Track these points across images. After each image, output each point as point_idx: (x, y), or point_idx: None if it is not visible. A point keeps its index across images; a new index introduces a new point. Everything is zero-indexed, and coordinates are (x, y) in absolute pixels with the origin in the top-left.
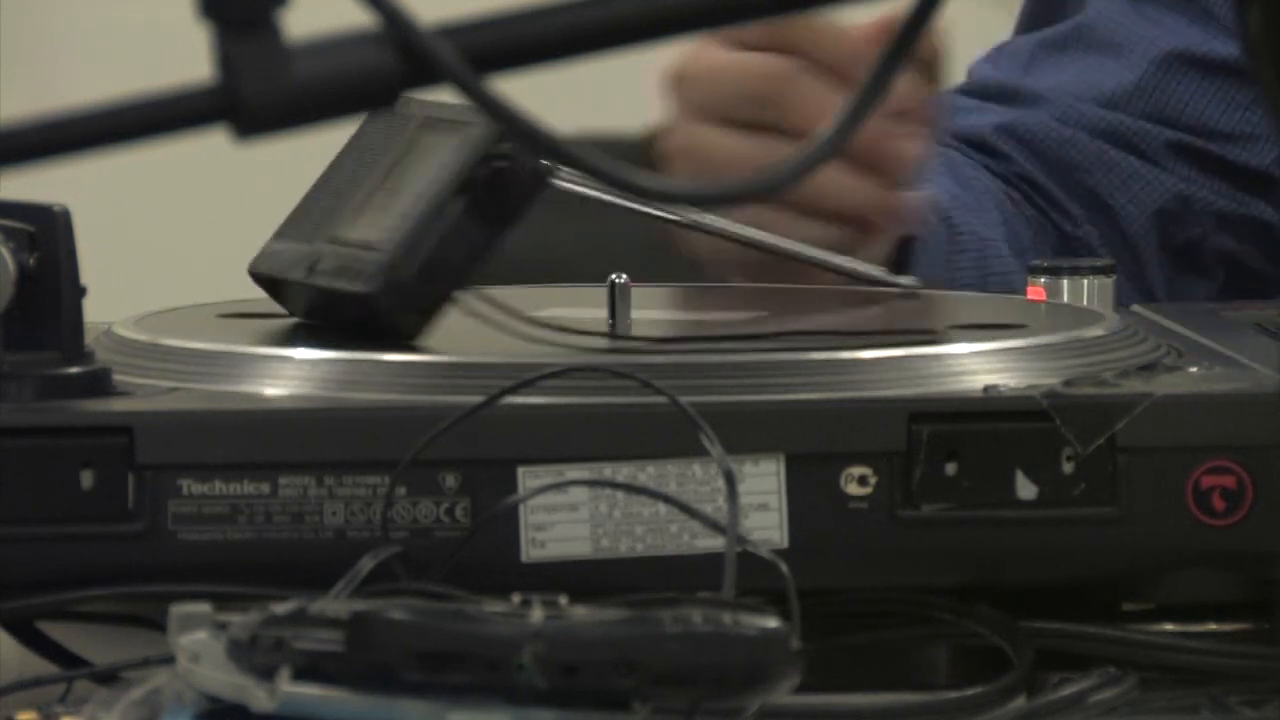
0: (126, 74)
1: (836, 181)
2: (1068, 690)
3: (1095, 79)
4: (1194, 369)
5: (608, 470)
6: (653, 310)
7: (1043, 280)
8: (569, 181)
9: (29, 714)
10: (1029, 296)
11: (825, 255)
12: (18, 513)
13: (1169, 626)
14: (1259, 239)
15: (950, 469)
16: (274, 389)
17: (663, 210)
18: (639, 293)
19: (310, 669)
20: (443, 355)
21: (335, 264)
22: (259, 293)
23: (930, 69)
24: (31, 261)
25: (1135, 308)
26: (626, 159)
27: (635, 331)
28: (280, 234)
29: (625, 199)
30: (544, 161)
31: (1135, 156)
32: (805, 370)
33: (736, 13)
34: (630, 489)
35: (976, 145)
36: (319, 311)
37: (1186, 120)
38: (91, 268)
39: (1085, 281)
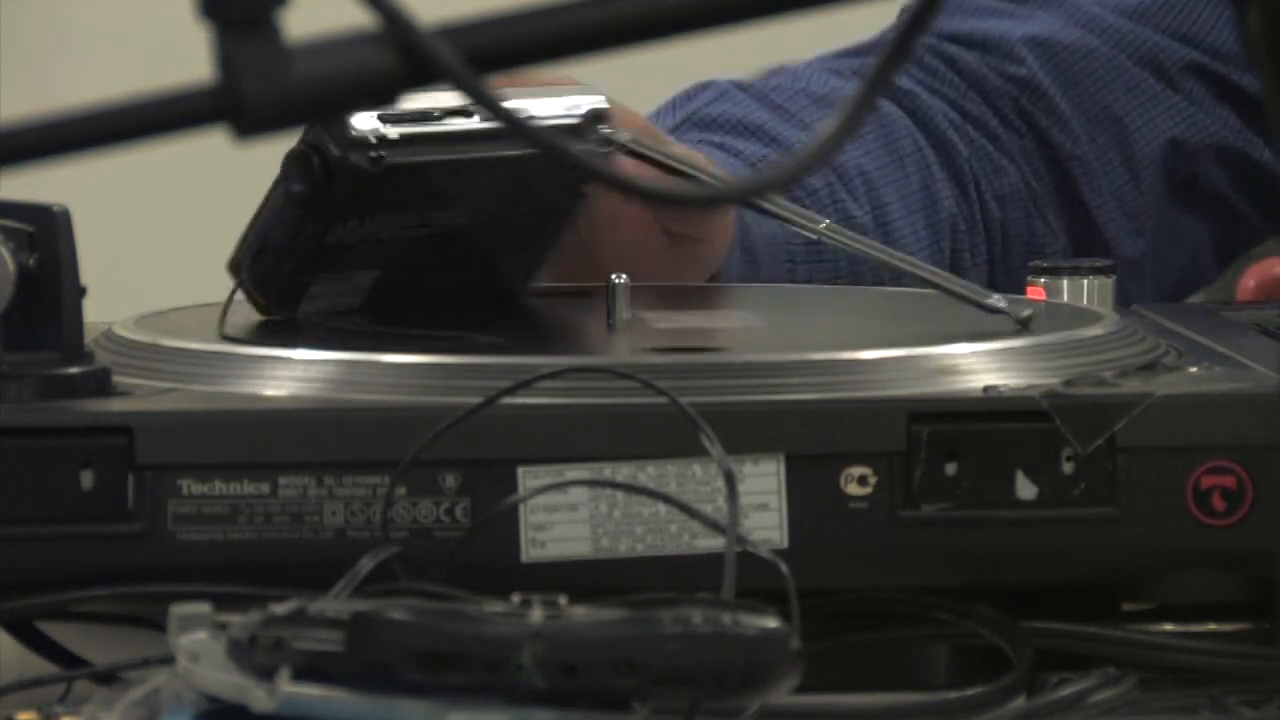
0: (126, 74)
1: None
2: (1067, 690)
3: None
4: (1194, 369)
5: (607, 470)
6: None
7: (1042, 280)
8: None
9: (29, 714)
10: (1029, 295)
11: (929, 271)
12: (18, 513)
13: (1169, 627)
14: (1252, 181)
15: (950, 469)
16: (273, 389)
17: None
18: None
19: (310, 669)
20: (443, 355)
21: None
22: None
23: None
24: (31, 261)
25: (1135, 307)
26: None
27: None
28: None
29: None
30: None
31: (1155, 77)
32: (805, 370)
33: (736, 13)
34: (630, 489)
35: (983, 46)
36: None
37: (1209, 42)
38: (91, 268)
39: (1085, 281)
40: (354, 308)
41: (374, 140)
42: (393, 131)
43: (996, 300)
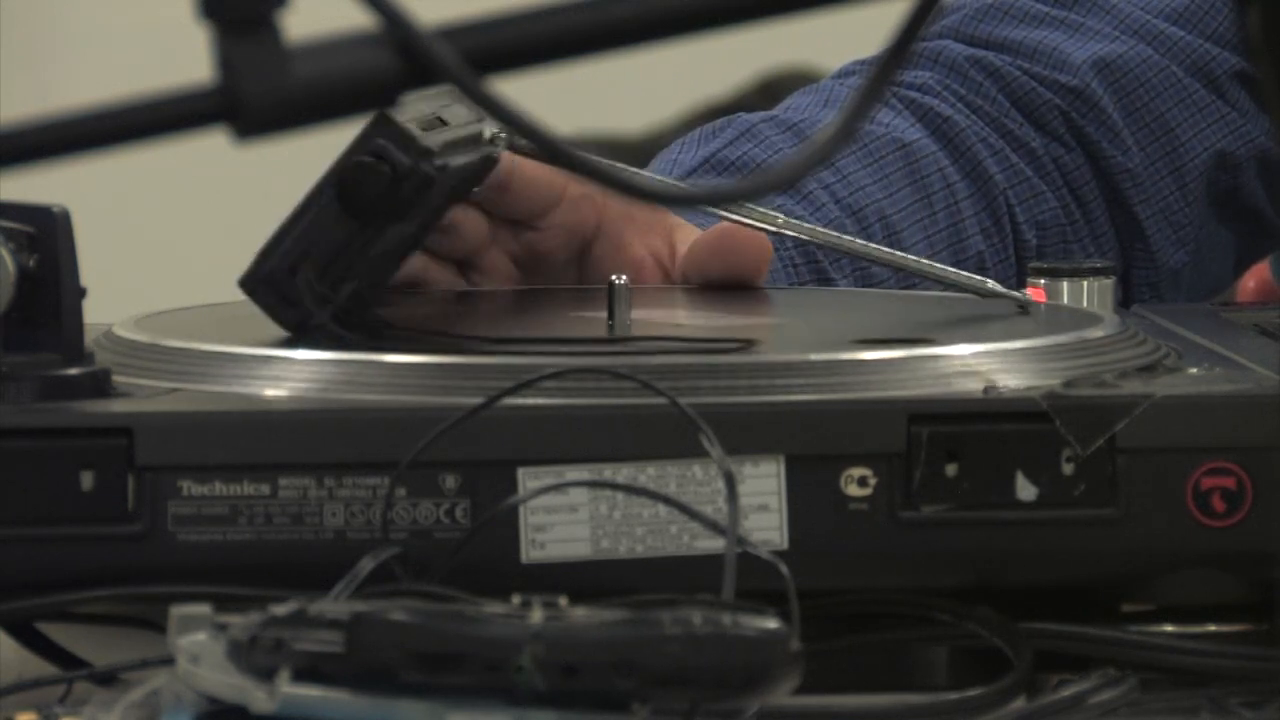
0: (126, 74)
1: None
2: (1067, 691)
3: None
4: (1194, 370)
5: (607, 471)
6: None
7: (1043, 282)
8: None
9: (28, 715)
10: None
11: (934, 267)
12: (18, 514)
13: (1169, 628)
14: None
15: (950, 470)
16: (274, 390)
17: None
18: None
19: (310, 670)
20: (443, 356)
21: None
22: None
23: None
24: (31, 262)
25: (1136, 308)
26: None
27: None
28: None
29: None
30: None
31: (1205, 87)
32: (805, 371)
33: (736, 14)
34: (630, 490)
35: (1031, 55)
36: None
37: None
38: (91, 268)
39: (1085, 283)
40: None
41: (435, 148)
42: (433, 140)
43: (994, 286)
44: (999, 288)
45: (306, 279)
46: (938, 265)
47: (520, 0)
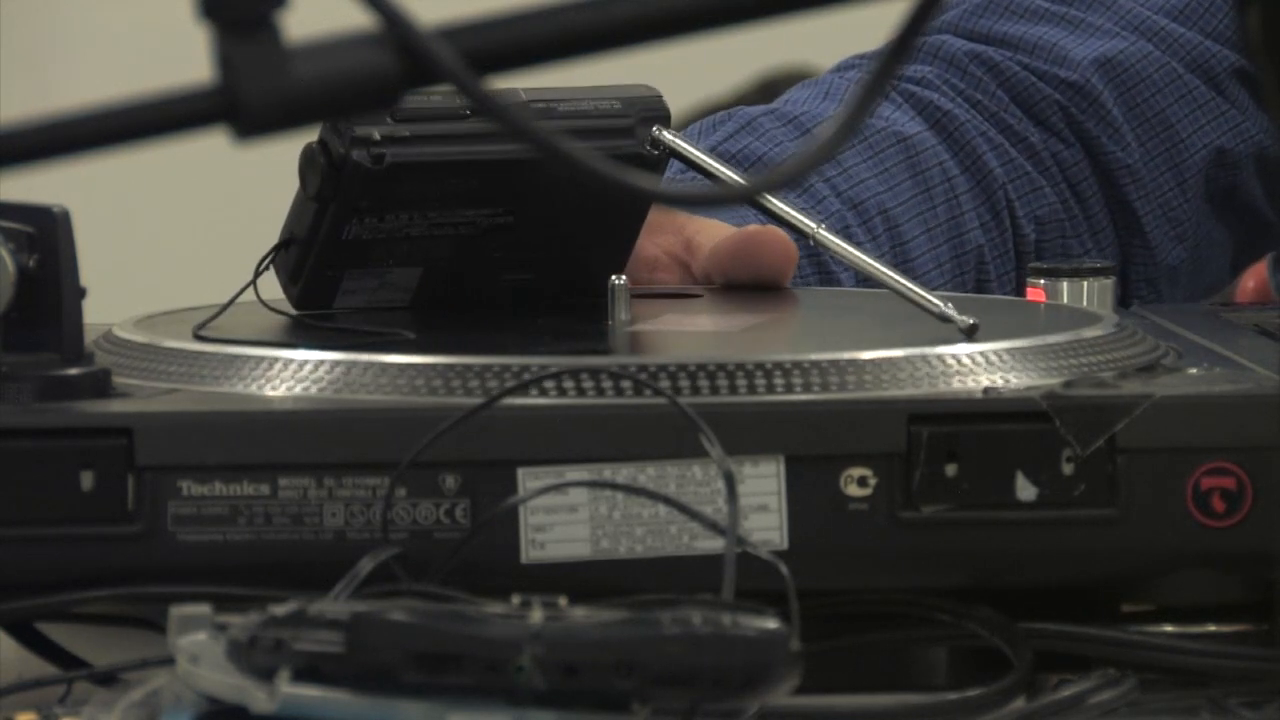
0: (126, 74)
1: None
2: (1067, 692)
3: None
4: (1193, 370)
5: (607, 471)
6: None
7: (1042, 282)
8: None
9: (28, 715)
10: (1028, 297)
11: (890, 276)
12: (18, 514)
13: (1168, 628)
14: None
15: (950, 470)
16: (273, 390)
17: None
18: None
19: (310, 670)
20: (443, 356)
21: None
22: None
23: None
24: (31, 263)
25: (1136, 308)
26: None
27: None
28: None
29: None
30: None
31: (1205, 83)
32: (805, 370)
33: (735, 14)
34: (630, 490)
35: (1032, 50)
36: None
37: None
38: (91, 268)
39: (1085, 283)
40: (400, 305)
41: (378, 138)
42: (403, 130)
43: (945, 308)
44: (954, 313)
45: (290, 261)
46: (912, 286)
47: (520, 0)
